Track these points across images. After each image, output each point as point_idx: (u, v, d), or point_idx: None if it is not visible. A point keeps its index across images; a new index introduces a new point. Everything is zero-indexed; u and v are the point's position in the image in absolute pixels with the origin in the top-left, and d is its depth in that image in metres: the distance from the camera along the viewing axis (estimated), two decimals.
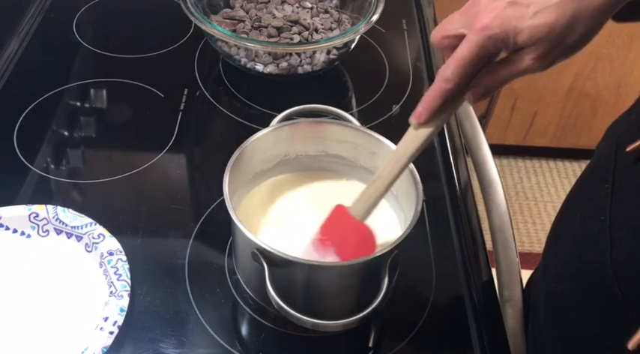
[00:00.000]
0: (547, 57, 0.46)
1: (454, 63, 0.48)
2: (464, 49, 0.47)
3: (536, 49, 0.45)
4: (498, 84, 0.49)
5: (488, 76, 0.49)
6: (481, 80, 0.49)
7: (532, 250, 1.84)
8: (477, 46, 0.46)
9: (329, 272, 0.55)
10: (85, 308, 0.61)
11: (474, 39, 0.46)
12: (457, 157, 0.80)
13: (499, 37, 0.45)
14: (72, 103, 0.85)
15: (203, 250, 0.68)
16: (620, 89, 1.79)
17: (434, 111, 0.51)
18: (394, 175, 0.54)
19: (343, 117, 0.66)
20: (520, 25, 0.44)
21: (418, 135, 0.53)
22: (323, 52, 0.86)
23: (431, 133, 0.52)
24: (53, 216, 0.66)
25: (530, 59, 0.46)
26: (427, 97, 0.50)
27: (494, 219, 0.76)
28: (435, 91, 0.50)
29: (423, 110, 0.51)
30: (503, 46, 0.46)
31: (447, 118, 0.52)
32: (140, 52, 0.93)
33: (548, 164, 2.09)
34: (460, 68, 0.47)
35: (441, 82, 0.49)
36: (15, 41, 0.92)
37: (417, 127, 0.52)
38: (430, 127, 0.52)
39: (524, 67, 0.47)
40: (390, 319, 0.64)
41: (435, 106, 0.50)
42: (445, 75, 0.48)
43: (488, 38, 0.46)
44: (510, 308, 0.68)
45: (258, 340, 0.61)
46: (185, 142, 0.80)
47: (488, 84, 0.49)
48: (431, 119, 0.51)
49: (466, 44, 0.47)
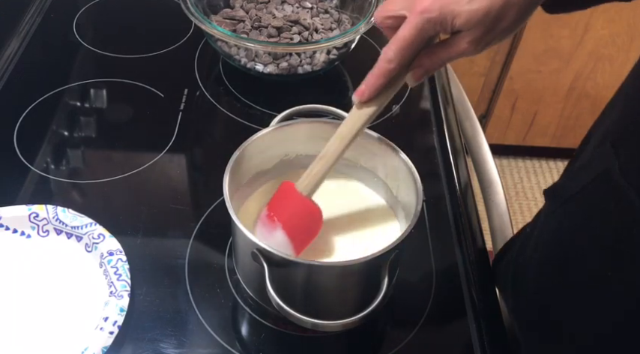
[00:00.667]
0: (482, 40, 0.49)
1: (396, 44, 0.50)
2: (404, 30, 0.49)
3: (472, 33, 0.48)
4: (437, 65, 0.52)
5: (426, 57, 0.51)
6: (421, 61, 0.52)
7: None
8: (417, 29, 0.49)
9: (329, 272, 0.55)
10: (85, 308, 0.61)
11: (414, 21, 0.49)
12: (457, 157, 0.80)
13: (438, 20, 0.48)
14: (72, 103, 0.85)
15: (203, 250, 0.68)
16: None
17: (377, 90, 0.53)
18: (339, 152, 0.57)
19: (343, 117, 0.66)
20: (458, 9, 0.47)
21: (362, 113, 0.55)
22: (323, 52, 0.86)
23: (374, 111, 0.55)
24: (53, 216, 0.66)
25: (466, 42, 0.49)
26: (370, 76, 0.53)
27: (494, 219, 0.76)
28: (377, 71, 0.52)
29: (365, 89, 0.54)
30: (441, 28, 0.49)
31: (388, 97, 0.55)
32: (140, 52, 0.93)
33: (548, 164, 2.09)
34: (401, 49, 0.50)
35: (383, 61, 0.52)
36: (15, 41, 0.92)
37: (360, 105, 0.55)
38: (373, 105, 0.55)
39: (461, 49, 0.49)
40: (390, 319, 0.64)
41: (378, 85, 0.53)
42: (387, 56, 0.51)
43: (427, 21, 0.48)
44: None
45: (258, 340, 0.61)
46: (185, 142, 0.80)
47: (427, 65, 0.52)
48: (374, 98, 0.54)
49: (407, 26, 0.49)
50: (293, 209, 0.58)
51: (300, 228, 0.58)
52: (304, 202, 0.57)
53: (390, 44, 0.51)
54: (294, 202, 0.58)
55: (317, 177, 0.57)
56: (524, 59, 1.72)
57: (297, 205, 0.58)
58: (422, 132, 0.85)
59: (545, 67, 1.75)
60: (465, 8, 0.47)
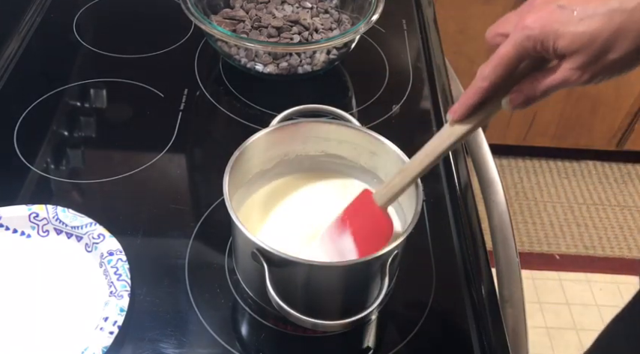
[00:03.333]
0: (587, 69, 0.44)
1: (493, 61, 0.47)
2: (503, 46, 0.46)
3: (576, 59, 0.44)
4: (538, 93, 0.47)
5: (528, 83, 0.47)
6: (521, 87, 0.48)
7: (532, 250, 1.83)
8: (515, 45, 0.45)
9: (329, 272, 0.55)
10: (85, 308, 0.61)
11: (513, 37, 0.45)
12: (457, 157, 0.80)
13: (538, 38, 0.44)
14: (72, 103, 0.85)
15: (203, 250, 0.68)
16: (620, 89, 1.79)
17: (469, 109, 0.50)
18: (422, 168, 0.54)
19: (343, 117, 0.66)
20: (562, 29, 0.43)
21: (453, 132, 0.52)
22: (323, 52, 0.86)
23: (466, 131, 0.51)
24: (53, 216, 0.66)
25: (569, 69, 0.45)
26: (465, 94, 0.50)
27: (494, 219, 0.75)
28: (472, 89, 0.49)
29: (459, 106, 0.50)
30: (542, 49, 0.45)
31: (483, 120, 0.51)
32: (140, 52, 0.93)
33: (548, 164, 2.09)
34: (497, 67, 0.47)
35: (478, 79, 0.48)
36: (15, 41, 0.92)
37: (453, 123, 0.52)
38: (465, 125, 0.51)
39: (563, 77, 0.45)
40: (390, 319, 0.64)
41: (471, 103, 0.50)
42: (482, 73, 0.48)
43: (527, 38, 0.45)
44: (510, 308, 0.68)
45: (258, 340, 0.61)
46: (185, 142, 0.80)
47: (527, 92, 0.48)
48: (467, 117, 0.51)
49: (506, 42, 0.46)
50: (365, 218, 0.58)
51: (368, 237, 0.57)
52: (377, 213, 0.57)
53: (488, 62, 0.48)
54: (368, 211, 0.57)
55: (395, 189, 0.56)
56: None
57: (370, 214, 0.58)
58: (422, 132, 0.85)
59: None
60: (569, 29, 0.43)
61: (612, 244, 1.86)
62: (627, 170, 2.08)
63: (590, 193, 2.01)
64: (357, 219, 0.58)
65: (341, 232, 0.58)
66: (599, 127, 1.93)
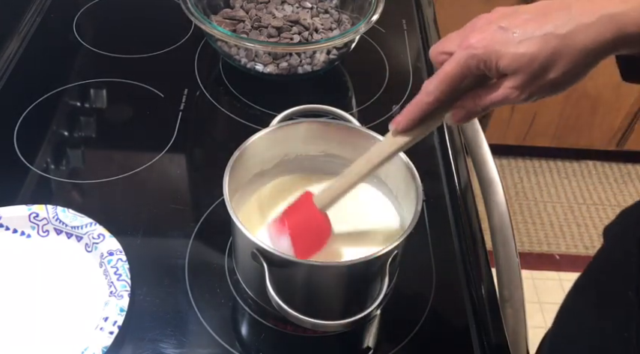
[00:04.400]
0: (526, 88, 0.47)
1: (437, 77, 0.49)
2: (447, 64, 0.48)
3: (516, 78, 0.46)
4: (479, 109, 0.49)
5: (470, 100, 0.50)
6: (463, 103, 0.50)
7: (532, 250, 1.84)
8: (459, 64, 0.47)
9: (329, 272, 0.55)
10: (85, 308, 0.61)
11: (458, 56, 0.47)
12: (457, 157, 0.80)
13: (481, 57, 0.46)
14: (72, 103, 0.85)
15: (203, 250, 0.68)
16: (620, 89, 1.79)
17: (413, 122, 0.52)
18: (363, 173, 0.56)
19: (343, 117, 0.66)
20: (503, 50, 0.45)
21: (394, 141, 0.54)
22: (323, 52, 0.86)
23: (407, 142, 0.53)
24: (53, 216, 0.66)
25: (507, 88, 0.47)
26: (408, 107, 0.51)
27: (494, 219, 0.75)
28: (415, 103, 0.51)
29: (402, 119, 0.52)
30: (485, 68, 0.47)
31: (424, 132, 0.53)
32: (140, 52, 0.93)
33: (548, 164, 2.09)
34: (442, 83, 0.49)
35: (422, 94, 0.50)
36: (15, 41, 0.92)
37: (395, 134, 0.54)
38: (407, 136, 0.53)
39: (502, 94, 0.47)
40: (390, 319, 0.64)
41: (414, 117, 0.51)
42: (428, 88, 0.49)
43: (471, 57, 0.46)
44: (510, 308, 0.68)
45: (258, 340, 0.61)
46: (185, 142, 0.80)
47: (469, 107, 0.50)
48: (409, 129, 0.53)
49: (450, 61, 0.48)
50: (303, 219, 0.58)
51: (305, 238, 0.58)
52: (315, 215, 0.58)
53: (432, 77, 0.49)
54: (307, 212, 0.58)
55: (335, 193, 0.57)
56: None
57: (308, 216, 0.58)
58: None
59: None
60: (510, 50, 0.45)
61: None
62: (627, 170, 2.08)
63: (590, 193, 2.01)
64: (296, 220, 0.58)
65: (279, 232, 0.58)
66: (599, 127, 1.93)
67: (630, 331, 0.49)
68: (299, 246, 0.57)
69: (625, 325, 0.50)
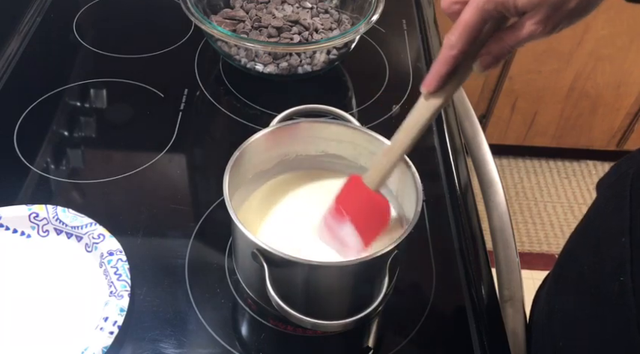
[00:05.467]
0: (548, 21, 0.46)
1: (457, 28, 0.48)
2: (466, 13, 0.47)
3: (536, 14, 0.45)
4: (505, 51, 0.49)
5: (494, 44, 0.49)
6: (489, 48, 0.49)
7: (532, 250, 1.84)
8: (478, 9, 0.47)
9: (329, 272, 0.55)
10: (85, 308, 0.61)
11: (475, 2, 0.47)
12: (457, 157, 0.80)
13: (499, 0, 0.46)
14: (72, 103, 0.85)
15: (203, 250, 0.68)
16: (620, 89, 1.80)
17: (442, 79, 0.51)
18: (407, 144, 0.55)
19: (343, 117, 0.66)
20: None
21: (429, 105, 0.53)
22: (323, 52, 0.86)
23: (441, 103, 0.52)
24: (53, 216, 0.66)
25: (531, 24, 0.46)
26: (435, 65, 0.51)
27: (494, 219, 0.75)
28: (441, 58, 0.50)
29: (432, 78, 0.51)
30: (504, 9, 0.46)
31: (456, 88, 0.52)
32: (140, 52, 0.93)
33: (548, 164, 2.09)
34: (463, 33, 0.48)
35: (446, 48, 0.50)
36: (15, 41, 0.92)
37: (427, 96, 0.53)
38: (440, 96, 0.52)
39: (527, 32, 0.47)
40: (390, 319, 0.64)
41: (443, 73, 0.51)
42: (449, 41, 0.49)
43: (487, 1, 0.46)
44: (510, 308, 0.68)
45: (258, 340, 0.61)
46: (185, 142, 0.80)
47: (495, 52, 0.49)
48: (440, 88, 0.52)
49: (468, 8, 0.47)
50: (361, 203, 0.58)
51: (368, 221, 0.58)
52: (372, 196, 0.57)
53: (452, 29, 0.49)
54: (362, 195, 0.58)
55: (383, 171, 0.57)
56: (524, 59, 1.72)
57: (364, 198, 0.58)
58: None
59: (545, 67, 1.75)
60: None
61: None
62: None
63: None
64: (353, 205, 0.58)
65: (339, 222, 0.58)
66: (599, 127, 1.93)
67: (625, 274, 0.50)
68: (363, 230, 0.57)
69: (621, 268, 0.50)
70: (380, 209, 0.58)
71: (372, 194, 0.58)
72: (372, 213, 0.58)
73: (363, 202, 0.58)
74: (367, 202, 0.58)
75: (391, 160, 0.56)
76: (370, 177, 0.58)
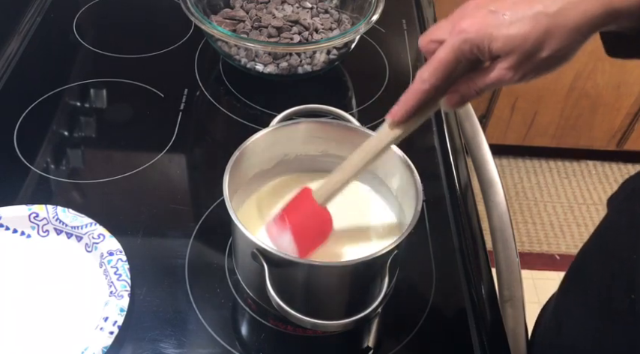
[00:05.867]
0: (519, 68, 0.47)
1: (432, 64, 0.49)
2: (441, 51, 0.48)
3: (509, 59, 0.46)
4: (474, 92, 0.50)
5: (463, 84, 0.50)
6: (458, 87, 0.50)
7: (532, 250, 1.84)
8: (453, 49, 0.48)
9: (329, 272, 0.55)
10: (85, 308, 0.61)
11: (451, 41, 0.48)
12: (457, 157, 0.80)
13: (474, 41, 0.46)
14: (72, 103, 0.85)
15: (203, 250, 0.68)
16: (620, 89, 1.79)
17: (410, 111, 0.52)
18: (360, 166, 0.56)
19: (343, 117, 0.66)
20: (495, 32, 0.46)
21: (391, 133, 0.54)
22: (323, 52, 0.86)
23: (402, 133, 0.54)
24: (53, 216, 0.66)
25: (503, 68, 0.47)
26: (404, 97, 0.52)
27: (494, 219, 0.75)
28: (411, 92, 0.51)
29: (399, 109, 0.52)
30: (478, 51, 0.47)
31: (421, 121, 0.54)
32: (140, 52, 0.93)
33: (548, 164, 2.09)
34: (436, 70, 0.49)
35: (418, 82, 0.50)
36: (15, 41, 0.92)
37: (392, 125, 0.54)
38: (403, 127, 0.54)
39: (496, 76, 0.48)
40: (390, 319, 0.64)
41: (411, 106, 0.52)
42: (422, 76, 0.50)
43: (464, 41, 0.47)
44: (510, 308, 0.69)
45: (258, 340, 0.61)
46: (185, 142, 0.80)
47: (464, 91, 0.50)
48: (405, 120, 0.53)
49: (443, 47, 0.48)
50: (304, 215, 0.58)
51: (307, 234, 0.58)
52: (316, 210, 0.58)
53: (426, 65, 0.50)
54: (307, 208, 0.58)
55: (334, 187, 0.57)
56: None
57: (308, 211, 0.58)
58: (422, 132, 0.85)
59: None
60: (502, 32, 0.45)
61: None
62: (627, 170, 2.08)
63: (590, 193, 2.01)
64: (297, 216, 0.58)
65: (280, 229, 0.58)
66: (599, 127, 1.93)
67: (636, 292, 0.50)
68: (301, 242, 0.57)
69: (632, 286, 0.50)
70: (321, 223, 0.59)
71: (317, 208, 0.58)
72: (313, 226, 0.59)
73: (307, 215, 0.58)
74: (311, 215, 0.58)
75: (343, 179, 0.57)
76: (320, 191, 0.58)
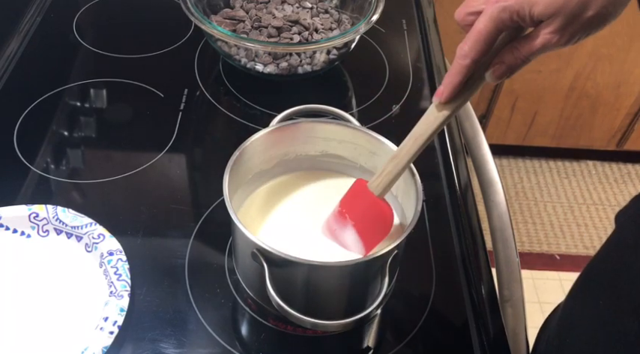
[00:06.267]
0: (565, 31, 0.45)
1: (471, 38, 0.47)
2: (479, 22, 0.46)
3: (552, 23, 0.44)
4: (520, 61, 0.48)
5: (508, 53, 0.48)
6: (502, 58, 0.48)
7: (532, 250, 1.83)
8: (492, 19, 0.46)
9: (329, 272, 0.55)
10: (85, 308, 0.61)
11: (489, 11, 0.46)
12: (457, 157, 0.80)
13: (514, 8, 0.45)
14: (72, 103, 0.85)
15: (203, 250, 0.68)
16: (620, 89, 1.79)
17: (455, 88, 0.50)
18: (413, 152, 0.54)
19: (343, 117, 0.66)
20: None
21: (439, 115, 0.52)
22: (323, 52, 0.86)
23: (451, 113, 0.52)
24: (53, 216, 0.66)
25: (547, 33, 0.45)
26: (448, 76, 0.50)
27: (494, 219, 0.75)
28: (454, 69, 0.49)
29: (444, 88, 0.50)
30: (519, 18, 0.45)
31: (468, 98, 0.52)
32: (140, 52, 0.93)
33: (548, 164, 2.09)
34: (476, 42, 0.47)
35: (458, 58, 0.48)
36: (15, 41, 0.92)
37: (439, 106, 0.52)
38: (451, 106, 0.52)
39: (542, 42, 0.46)
40: (390, 319, 0.64)
41: (456, 83, 0.50)
42: (462, 51, 0.48)
43: (503, 9, 0.45)
44: (510, 308, 0.69)
45: (258, 340, 0.61)
46: (185, 142, 0.80)
47: (510, 61, 0.48)
48: (452, 98, 0.51)
49: (482, 17, 0.46)
50: (365, 209, 0.58)
51: (370, 227, 0.58)
52: (376, 203, 0.57)
53: (465, 39, 0.48)
54: (367, 201, 0.57)
55: (389, 177, 0.56)
56: None
57: (369, 204, 0.57)
58: None
59: (545, 67, 1.75)
60: None
61: None
62: (627, 170, 2.08)
63: (590, 193, 2.01)
64: (357, 210, 0.58)
65: (342, 225, 0.58)
66: (599, 127, 1.93)
67: None
68: (365, 236, 0.57)
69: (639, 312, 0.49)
70: (383, 216, 0.58)
71: (376, 200, 0.57)
72: (375, 219, 0.58)
73: (367, 208, 0.58)
74: (371, 208, 0.58)
75: (398, 167, 0.56)
76: (375, 183, 0.57)
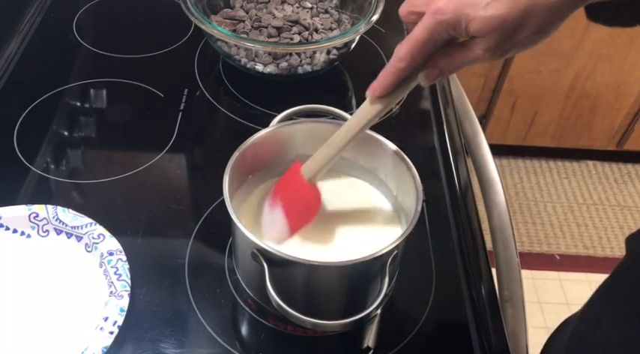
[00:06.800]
0: (497, 49, 0.46)
1: (408, 43, 0.49)
2: (416, 30, 0.48)
3: (487, 40, 0.45)
4: (452, 68, 0.49)
5: (442, 59, 0.49)
6: (436, 62, 0.50)
7: (532, 250, 1.84)
8: (428, 30, 0.47)
9: (329, 272, 0.55)
10: (85, 308, 0.61)
11: (426, 22, 0.47)
12: (457, 157, 0.80)
13: (450, 22, 0.45)
14: (72, 103, 0.85)
15: (203, 250, 0.68)
16: (620, 89, 1.79)
17: (388, 87, 0.52)
18: (345, 141, 0.57)
19: (343, 117, 0.66)
20: (473, 13, 0.44)
21: (372, 109, 0.55)
22: (323, 52, 0.86)
23: (384, 107, 0.54)
24: (53, 216, 0.66)
25: (480, 49, 0.46)
26: (383, 73, 0.52)
27: (494, 219, 0.76)
28: (389, 68, 0.51)
29: (378, 85, 0.53)
30: (454, 32, 0.46)
31: (400, 95, 0.54)
32: (140, 52, 0.93)
33: (548, 164, 2.09)
34: (412, 49, 0.49)
35: (395, 59, 0.50)
36: (15, 41, 0.92)
37: (372, 101, 0.54)
38: (384, 101, 0.54)
39: (475, 56, 0.47)
40: (390, 319, 0.64)
41: (389, 82, 0.52)
42: (399, 54, 0.50)
43: (439, 22, 0.46)
44: (510, 308, 0.68)
45: (258, 340, 0.61)
46: (185, 142, 0.80)
47: (442, 67, 0.50)
48: (385, 95, 0.53)
49: (419, 26, 0.48)
50: (293, 191, 0.59)
51: (296, 209, 0.59)
52: (304, 185, 0.59)
53: (403, 43, 0.49)
54: (296, 184, 0.59)
55: (321, 163, 0.58)
56: (524, 59, 1.72)
57: (297, 187, 0.59)
58: (422, 132, 0.85)
59: (545, 67, 1.75)
60: (479, 14, 0.44)
61: (612, 244, 1.86)
62: (627, 170, 2.08)
63: (590, 193, 2.01)
64: (286, 191, 0.59)
65: (273, 205, 0.59)
66: (599, 127, 1.93)
67: None
68: (291, 217, 0.58)
69: None
70: (308, 200, 0.60)
71: (304, 184, 0.59)
72: (301, 202, 0.59)
73: (295, 191, 0.59)
74: (299, 191, 0.59)
75: (329, 155, 0.58)
76: (307, 167, 0.59)
